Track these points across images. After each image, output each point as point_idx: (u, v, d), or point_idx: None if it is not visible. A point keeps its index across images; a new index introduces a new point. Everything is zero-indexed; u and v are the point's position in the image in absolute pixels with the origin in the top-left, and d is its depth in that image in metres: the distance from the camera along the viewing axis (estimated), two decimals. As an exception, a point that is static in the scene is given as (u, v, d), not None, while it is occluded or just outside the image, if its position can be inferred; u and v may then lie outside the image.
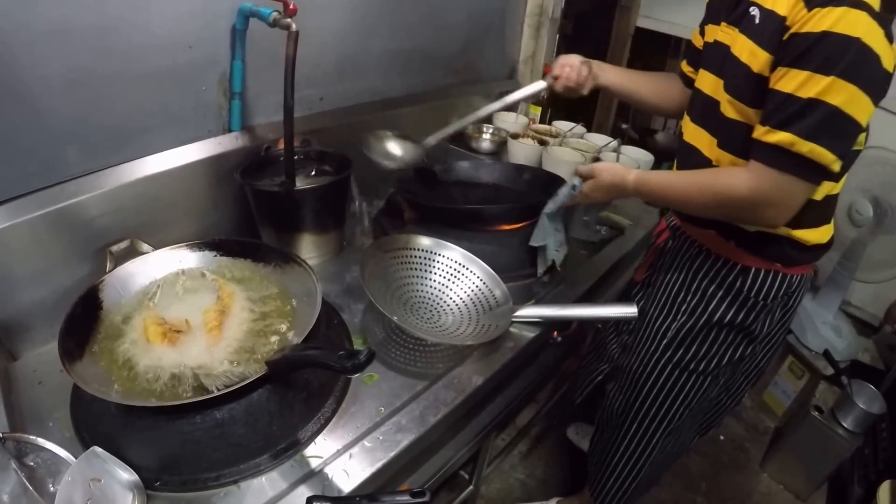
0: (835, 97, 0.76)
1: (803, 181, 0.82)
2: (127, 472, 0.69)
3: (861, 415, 1.58)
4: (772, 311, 1.03)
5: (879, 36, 0.75)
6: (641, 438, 1.21)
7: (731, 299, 1.02)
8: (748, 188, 0.85)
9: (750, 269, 1.00)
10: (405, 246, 1.09)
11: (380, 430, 0.79)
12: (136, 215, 1.03)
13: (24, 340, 0.93)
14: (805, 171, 0.82)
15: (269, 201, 1.11)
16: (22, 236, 0.88)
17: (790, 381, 1.89)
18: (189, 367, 0.78)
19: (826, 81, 0.76)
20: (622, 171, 1.03)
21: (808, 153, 0.79)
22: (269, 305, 0.92)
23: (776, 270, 1.00)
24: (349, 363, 0.65)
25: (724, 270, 1.02)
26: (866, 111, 0.78)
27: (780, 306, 1.04)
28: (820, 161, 0.80)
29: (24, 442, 0.71)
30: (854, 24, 0.74)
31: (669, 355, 1.11)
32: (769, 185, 0.84)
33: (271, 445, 0.75)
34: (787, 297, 1.04)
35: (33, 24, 0.82)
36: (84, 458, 0.69)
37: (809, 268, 1.04)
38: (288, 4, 0.98)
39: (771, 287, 1.00)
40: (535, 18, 1.82)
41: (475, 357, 0.94)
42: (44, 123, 0.89)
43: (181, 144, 1.09)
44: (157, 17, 0.96)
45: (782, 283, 1.00)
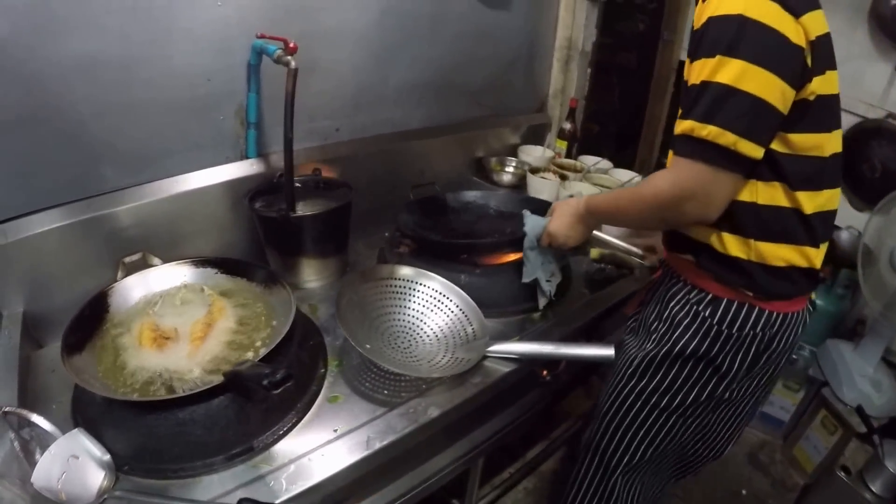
0: (723, 75, 0.80)
1: (716, 168, 0.83)
2: (103, 453, 0.81)
3: (891, 479, 1.48)
4: (744, 347, 0.99)
5: (767, 7, 0.78)
6: (600, 473, 1.19)
7: (697, 328, 1.01)
8: (668, 184, 0.88)
9: (721, 300, 0.99)
10: (387, 276, 1.17)
11: (325, 449, 0.87)
12: (156, 231, 1.19)
13: (49, 333, 1.10)
14: (714, 157, 0.83)
15: (272, 226, 1.24)
16: (53, 241, 1.06)
17: (822, 437, 1.79)
18: (167, 371, 0.91)
19: (713, 62, 0.81)
20: (575, 200, 1.11)
21: (707, 136, 0.81)
22: (252, 323, 1.03)
23: (750, 303, 0.97)
24: (267, 381, 0.75)
25: (694, 299, 1.02)
26: (766, 85, 0.79)
27: (755, 343, 0.99)
28: (721, 143, 0.81)
29: (23, 417, 0.84)
30: (732, 3, 0.79)
31: (633, 384, 1.10)
32: (685, 176, 0.86)
33: (226, 449, 0.85)
34: (768, 337, 0.99)
35: (64, 57, 1.00)
36: (68, 436, 0.82)
37: (797, 306, 1.00)
38: (288, 43, 1.12)
39: (738, 317, 0.98)
40: (563, 52, 1.89)
41: (440, 389, 1.01)
42: (74, 145, 1.07)
43: (200, 168, 1.25)
44: (178, 52, 1.13)
45: (758, 317, 0.97)
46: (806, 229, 0.93)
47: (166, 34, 1.11)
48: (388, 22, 1.45)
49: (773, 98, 0.80)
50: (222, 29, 1.18)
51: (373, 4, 1.40)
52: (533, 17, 1.80)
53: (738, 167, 0.85)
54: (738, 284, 0.97)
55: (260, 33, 1.18)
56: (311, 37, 1.28)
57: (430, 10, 1.52)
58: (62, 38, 0.99)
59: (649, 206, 0.94)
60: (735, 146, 0.81)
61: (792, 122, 0.86)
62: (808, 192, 0.91)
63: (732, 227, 0.94)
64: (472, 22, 1.64)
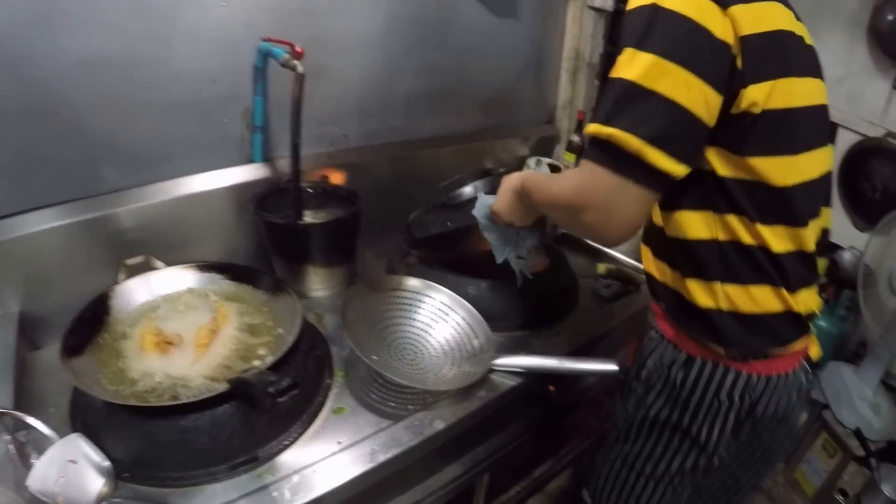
0: (629, 71, 0.68)
1: (621, 177, 0.70)
2: (102, 459, 0.80)
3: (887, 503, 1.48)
4: (720, 415, 0.86)
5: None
6: None
7: (667, 394, 0.90)
8: (571, 188, 0.77)
9: (693, 361, 0.86)
10: (394, 287, 1.17)
11: (329, 461, 0.86)
12: (158, 233, 1.18)
13: (45, 334, 1.09)
14: (619, 164, 0.69)
15: (278, 233, 1.24)
16: (51, 241, 1.05)
17: (822, 460, 1.79)
18: (171, 377, 0.91)
19: (621, 57, 0.70)
20: (518, 175, 1.01)
21: (610, 139, 0.68)
22: (258, 330, 1.03)
23: (725, 365, 0.84)
24: (271, 388, 0.74)
25: (668, 360, 0.90)
26: (683, 84, 0.67)
27: (734, 411, 0.85)
28: (625, 148, 0.68)
29: (20, 419, 0.84)
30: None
31: (618, 449, 1.01)
32: (587, 181, 0.73)
33: (230, 458, 0.85)
34: (749, 405, 0.85)
35: (65, 53, 1.00)
36: (66, 440, 0.81)
37: (784, 366, 0.86)
38: (294, 47, 1.12)
39: (711, 383, 0.85)
40: (571, 63, 1.90)
41: (445, 403, 1.00)
42: (75, 143, 1.07)
43: (204, 171, 1.24)
44: (182, 53, 1.13)
45: (734, 382, 0.84)
46: (776, 270, 0.78)
47: (170, 34, 1.11)
48: (397, 28, 1.45)
49: (691, 101, 0.67)
50: (227, 30, 1.17)
51: (381, 9, 1.40)
52: (540, 27, 1.80)
53: (648, 180, 0.70)
54: (709, 340, 0.84)
55: (265, 36, 1.18)
56: (319, 41, 1.28)
57: (439, 16, 1.53)
58: (64, 33, 0.99)
59: (552, 205, 0.85)
60: (641, 153, 0.67)
61: (739, 141, 0.73)
62: (773, 227, 0.77)
63: (695, 271, 0.82)
64: (480, 30, 1.64)
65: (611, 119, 0.69)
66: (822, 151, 0.82)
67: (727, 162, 0.74)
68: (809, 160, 0.79)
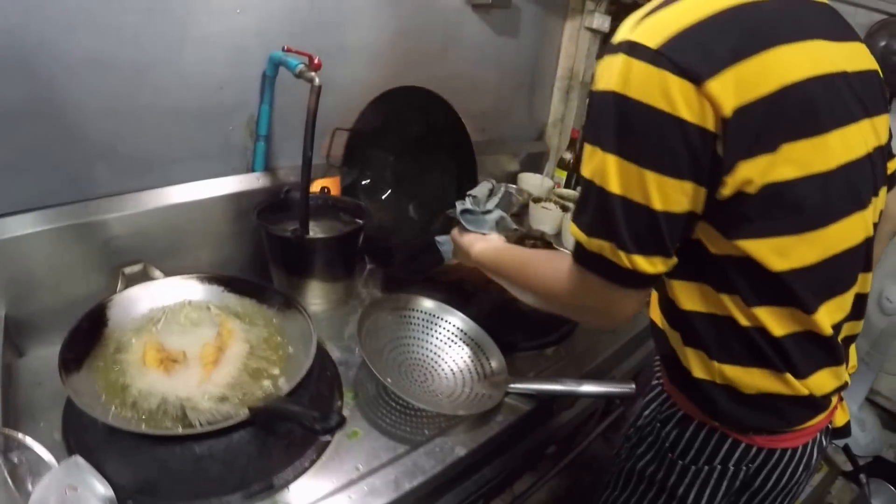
0: (602, 176, 0.62)
1: (615, 285, 0.67)
2: (104, 486, 0.75)
3: None
4: (711, 481, 0.80)
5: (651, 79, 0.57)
6: None
7: (655, 451, 0.85)
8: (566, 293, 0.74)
9: (690, 423, 0.80)
10: (408, 307, 1.16)
11: (352, 489, 0.83)
12: (153, 240, 1.13)
13: (31, 339, 1.03)
14: (611, 274, 0.66)
15: (281, 245, 1.20)
16: (44, 244, 0.99)
17: (808, 474, 1.88)
18: (178, 398, 0.85)
19: (593, 155, 0.63)
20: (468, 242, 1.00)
21: (599, 252, 0.65)
22: (266, 349, 0.99)
23: (723, 433, 0.77)
24: (319, 425, 0.72)
25: (663, 416, 0.85)
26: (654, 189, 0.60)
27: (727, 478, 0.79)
28: (612, 260, 0.64)
29: (12, 438, 0.78)
30: (609, 74, 0.60)
31: (608, 494, 0.98)
32: (583, 289, 0.71)
33: (245, 486, 0.81)
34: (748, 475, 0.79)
35: (74, 54, 0.95)
36: (65, 464, 0.76)
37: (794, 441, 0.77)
38: (313, 59, 1.10)
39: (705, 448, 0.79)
40: (565, 82, 1.94)
41: (462, 428, 0.99)
42: (75, 143, 1.02)
43: (204, 178, 1.20)
44: (191, 58, 1.09)
45: (731, 450, 0.77)
46: (777, 354, 0.69)
47: (181, 39, 1.07)
48: (402, 44, 1.44)
49: (677, 205, 0.61)
50: (239, 38, 1.14)
51: (390, 24, 1.39)
52: (538, 46, 1.83)
53: (642, 283, 0.66)
54: (702, 408, 0.77)
55: (287, 46, 1.15)
56: (327, 52, 1.25)
57: (444, 33, 1.53)
58: (75, 32, 0.94)
59: (543, 302, 0.83)
60: (631, 264, 0.63)
61: (730, 224, 0.64)
62: (770, 308, 0.67)
63: (693, 341, 0.74)
64: (481, 47, 1.65)
65: (596, 230, 0.65)
66: (859, 216, 0.69)
67: (715, 240, 0.66)
68: (840, 230, 0.67)
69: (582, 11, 1.81)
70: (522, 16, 1.71)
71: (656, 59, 0.57)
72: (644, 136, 0.59)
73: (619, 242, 0.63)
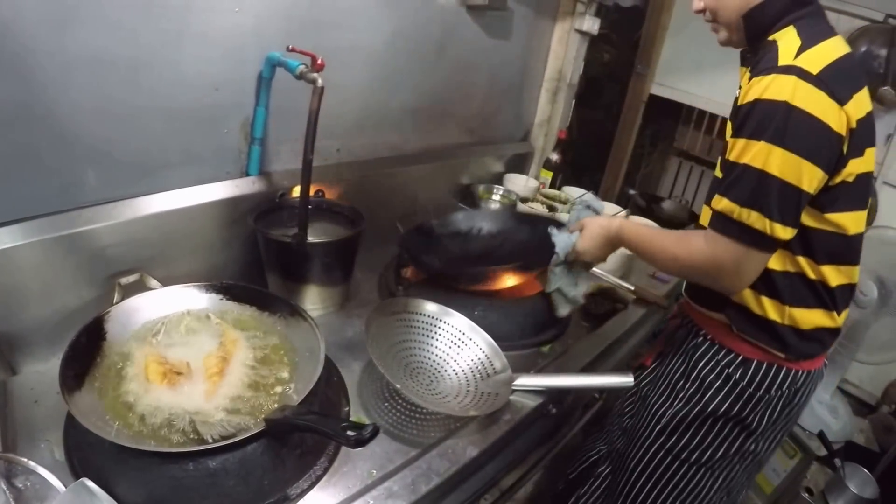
0: (765, 162, 0.84)
1: (751, 248, 0.89)
2: (114, 507, 0.72)
3: (853, 499, 1.62)
4: (771, 405, 1.05)
5: (814, 96, 0.82)
6: None
7: (728, 390, 1.06)
8: (705, 257, 0.93)
9: (751, 362, 1.04)
10: (410, 310, 1.14)
11: (371, 494, 0.82)
12: (148, 248, 1.09)
13: (25, 355, 0.98)
14: (748, 238, 0.88)
15: (279, 250, 1.18)
16: (35, 255, 0.94)
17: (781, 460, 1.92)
18: (186, 412, 0.83)
19: (757, 147, 0.84)
20: (607, 220, 1.14)
21: (747, 221, 0.87)
22: (272, 357, 0.96)
23: (779, 364, 1.02)
24: (353, 437, 0.70)
25: (724, 361, 1.06)
26: (805, 174, 0.84)
27: (782, 400, 1.05)
28: (757, 227, 0.86)
29: (15, 463, 0.74)
30: (780, 89, 0.83)
31: (662, 441, 1.14)
32: (722, 252, 0.91)
33: (261, 499, 0.78)
34: (792, 393, 1.05)
35: (69, 51, 0.91)
36: (73, 488, 0.72)
37: (818, 363, 1.06)
38: (316, 59, 1.08)
39: (772, 381, 1.03)
40: (553, 83, 1.95)
41: (471, 428, 0.98)
42: (68, 148, 0.97)
43: (199, 183, 1.16)
44: (188, 57, 1.06)
45: (785, 377, 1.03)
46: (831, 298, 0.99)
47: (178, 37, 1.03)
48: (398, 44, 1.42)
49: (810, 186, 0.85)
50: (237, 37, 1.11)
51: (385, 26, 1.37)
52: (528, 48, 1.83)
53: (771, 248, 0.91)
54: (772, 346, 1.02)
55: (291, 46, 1.12)
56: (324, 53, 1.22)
57: (439, 36, 1.52)
58: (70, 30, 0.89)
59: (680, 266, 1.01)
60: (771, 231, 0.86)
61: (829, 202, 0.91)
62: (834, 266, 0.96)
63: (770, 292, 0.99)
64: (473, 49, 1.65)
65: (751, 203, 0.86)
66: None
67: (814, 216, 0.92)
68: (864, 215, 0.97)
69: (572, 13, 1.81)
70: (515, 17, 1.71)
71: (818, 83, 0.82)
72: (806, 136, 0.83)
73: (768, 213, 0.85)
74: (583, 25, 1.79)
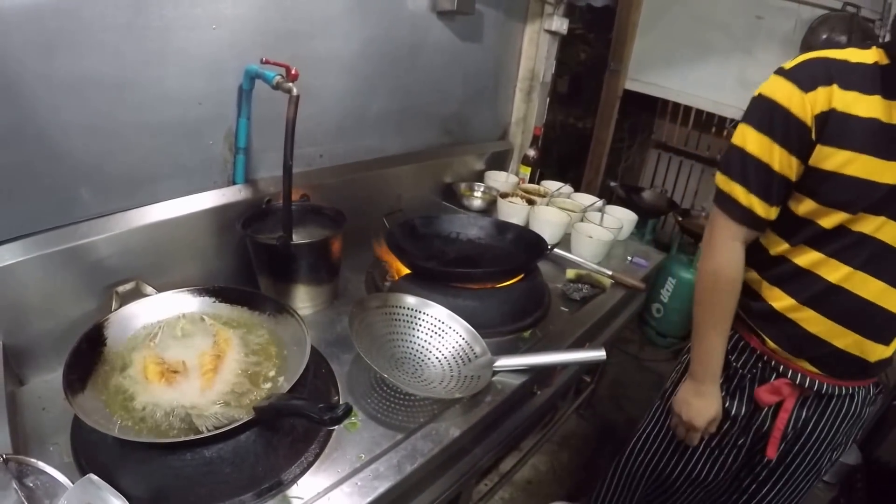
0: (738, 139, 0.94)
1: (723, 213, 0.98)
2: (120, 500, 0.75)
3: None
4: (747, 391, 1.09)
5: (783, 87, 0.88)
6: None
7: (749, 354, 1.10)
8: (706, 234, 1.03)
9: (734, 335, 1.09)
10: (391, 304, 1.18)
11: (359, 476, 0.86)
12: (143, 258, 1.12)
13: (32, 367, 1.01)
14: (724, 204, 0.97)
15: (267, 253, 1.21)
16: (35, 270, 0.97)
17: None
18: (183, 407, 0.86)
19: (738, 128, 0.95)
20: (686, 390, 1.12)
21: (721, 184, 0.97)
22: (262, 353, 1.00)
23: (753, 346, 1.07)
24: (327, 416, 0.74)
25: None
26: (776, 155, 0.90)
27: None
28: (730, 193, 0.95)
29: (25, 464, 0.77)
30: (764, 85, 0.92)
31: None
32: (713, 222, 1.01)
33: (255, 484, 0.82)
34: None
35: (56, 74, 0.94)
36: (80, 484, 0.76)
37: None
38: (290, 69, 1.11)
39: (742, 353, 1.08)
40: (526, 83, 1.98)
41: (454, 411, 1.02)
42: (61, 166, 1.00)
43: (187, 194, 1.19)
44: (171, 74, 1.09)
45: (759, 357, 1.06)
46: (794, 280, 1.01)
47: (160, 55, 1.06)
48: (372, 51, 1.46)
49: (782, 167, 0.90)
50: (216, 52, 1.14)
51: (359, 33, 1.41)
52: (500, 49, 1.87)
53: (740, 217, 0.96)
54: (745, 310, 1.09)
55: (265, 59, 1.15)
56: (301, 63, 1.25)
57: (411, 40, 1.55)
58: (56, 53, 0.93)
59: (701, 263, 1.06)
60: (749, 204, 0.94)
61: None
62: None
63: None
64: (446, 52, 1.68)
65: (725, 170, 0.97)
66: None
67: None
68: None
69: (541, 14, 1.85)
70: (485, 21, 1.75)
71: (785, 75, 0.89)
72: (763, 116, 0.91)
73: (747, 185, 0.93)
74: (552, 26, 1.83)
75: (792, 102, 0.87)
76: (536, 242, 1.49)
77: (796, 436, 1.08)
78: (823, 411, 1.05)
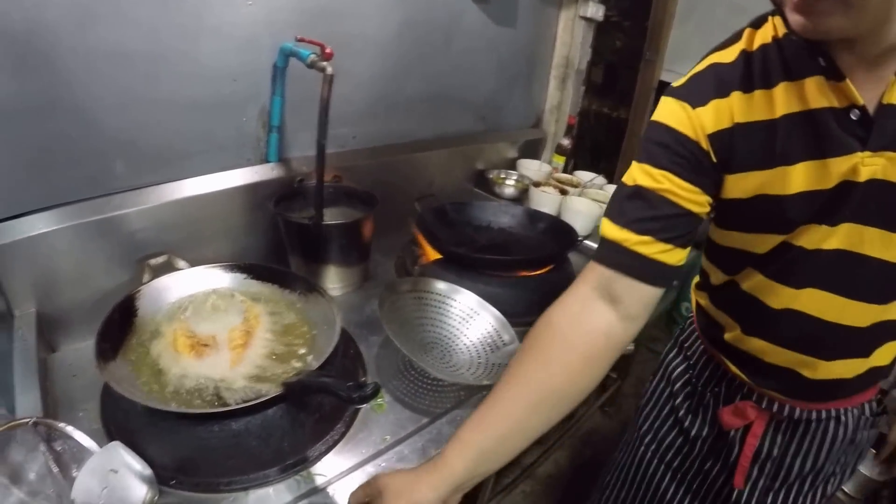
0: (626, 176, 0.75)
1: None
2: (143, 467, 0.75)
3: (863, 480, 1.58)
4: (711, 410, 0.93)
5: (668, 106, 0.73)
6: None
7: None
8: None
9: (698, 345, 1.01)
10: (422, 288, 1.16)
11: (383, 458, 0.84)
12: (175, 232, 1.12)
13: (63, 335, 1.02)
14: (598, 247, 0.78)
15: (299, 232, 1.20)
16: (69, 240, 0.98)
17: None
18: (212, 380, 0.86)
19: None
20: None
21: None
22: (292, 331, 0.99)
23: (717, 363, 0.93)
24: (356, 394, 0.72)
25: None
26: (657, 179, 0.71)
27: None
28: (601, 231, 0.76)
29: (53, 428, 0.77)
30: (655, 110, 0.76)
31: None
32: None
33: (280, 459, 0.81)
34: None
35: (91, 45, 0.93)
36: (106, 449, 0.75)
37: None
38: (325, 48, 1.09)
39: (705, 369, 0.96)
40: (561, 70, 1.94)
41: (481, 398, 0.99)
42: (95, 138, 1.00)
43: (220, 170, 1.19)
44: (206, 50, 1.08)
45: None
46: None
47: (195, 31, 1.05)
48: (406, 33, 1.43)
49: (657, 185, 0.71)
50: (250, 29, 1.13)
51: (394, 15, 1.38)
52: (535, 35, 1.82)
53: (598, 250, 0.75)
54: None
55: (299, 36, 1.14)
56: (335, 43, 1.23)
57: (446, 23, 1.52)
58: (91, 27, 0.92)
59: None
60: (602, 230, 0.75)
61: None
62: None
63: None
64: (481, 37, 1.65)
65: None
66: None
67: None
68: None
69: (577, 0, 1.80)
70: (519, 6, 1.70)
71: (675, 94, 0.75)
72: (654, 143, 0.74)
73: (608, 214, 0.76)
74: (587, 12, 1.77)
75: (681, 123, 0.71)
76: (568, 233, 1.45)
77: (775, 467, 0.89)
78: (803, 438, 0.86)
